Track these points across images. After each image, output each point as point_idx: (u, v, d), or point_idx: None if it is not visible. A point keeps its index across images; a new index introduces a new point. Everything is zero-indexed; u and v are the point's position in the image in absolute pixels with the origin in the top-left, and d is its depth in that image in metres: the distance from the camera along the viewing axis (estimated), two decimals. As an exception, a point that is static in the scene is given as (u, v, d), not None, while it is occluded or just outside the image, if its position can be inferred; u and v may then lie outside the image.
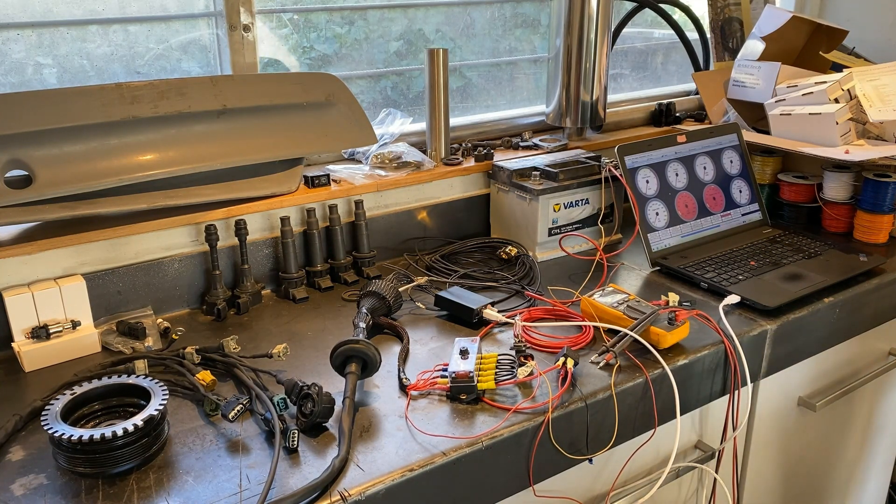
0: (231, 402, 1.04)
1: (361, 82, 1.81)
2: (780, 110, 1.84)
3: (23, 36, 1.37)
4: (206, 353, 1.20)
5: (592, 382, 1.14)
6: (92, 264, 1.32)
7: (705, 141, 1.70)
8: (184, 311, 1.42)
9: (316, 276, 1.51)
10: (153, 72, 1.51)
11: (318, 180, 1.52)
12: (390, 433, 1.03)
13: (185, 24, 1.53)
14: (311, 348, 1.26)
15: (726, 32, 2.21)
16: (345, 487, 0.92)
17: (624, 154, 1.57)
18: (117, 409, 1.04)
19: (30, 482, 0.94)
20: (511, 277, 1.50)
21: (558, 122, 1.92)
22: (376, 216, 1.61)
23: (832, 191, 1.74)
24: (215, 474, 0.95)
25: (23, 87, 1.38)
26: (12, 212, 1.23)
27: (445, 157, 1.72)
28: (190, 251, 1.41)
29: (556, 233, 1.62)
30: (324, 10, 1.71)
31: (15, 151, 1.22)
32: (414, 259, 1.61)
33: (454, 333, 1.31)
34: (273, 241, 1.49)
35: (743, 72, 1.99)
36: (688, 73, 2.23)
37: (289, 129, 1.46)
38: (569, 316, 1.34)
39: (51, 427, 0.93)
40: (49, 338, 1.22)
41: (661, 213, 1.59)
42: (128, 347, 1.25)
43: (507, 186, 1.66)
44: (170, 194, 1.36)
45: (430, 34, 1.88)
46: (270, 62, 1.66)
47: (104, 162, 1.28)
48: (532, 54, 2.07)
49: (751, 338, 1.30)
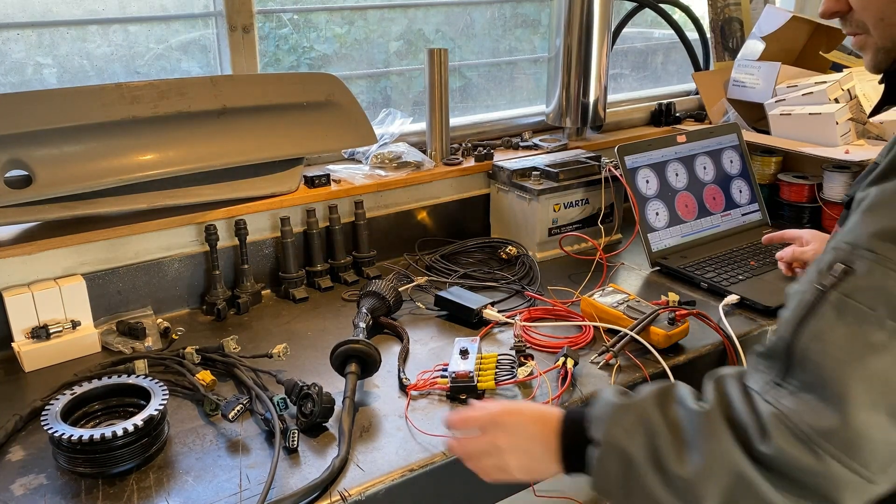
0: (231, 402, 1.04)
1: (361, 82, 1.81)
2: (780, 110, 1.84)
3: (23, 36, 1.37)
4: (206, 353, 1.20)
5: (592, 382, 1.14)
6: (92, 264, 1.32)
7: (705, 141, 1.70)
8: (184, 311, 1.42)
9: (316, 276, 1.51)
10: (153, 72, 1.51)
11: (318, 180, 1.52)
12: (390, 433, 1.03)
13: (185, 24, 1.53)
14: (311, 348, 1.26)
15: (726, 32, 2.21)
16: (345, 487, 0.92)
17: (624, 154, 1.57)
18: (117, 409, 1.04)
19: (30, 482, 0.94)
20: (511, 277, 1.50)
21: (558, 122, 1.92)
22: (376, 216, 1.60)
23: (832, 191, 1.74)
24: (215, 474, 0.95)
25: (23, 87, 1.38)
26: (12, 212, 1.23)
27: (445, 157, 1.72)
28: (190, 251, 1.41)
29: (555, 233, 1.62)
30: (324, 10, 1.71)
31: (15, 151, 1.21)
32: (414, 259, 1.61)
33: (454, 333, 1.30)
34: (273, 241, 1.49)
35: (743, 72, 1.99)
36: (688, 73, 2.23)
37: (289, 129, 1.46)
38: (569, 316, 1.34)
39: (51, 427, 0.93)
40: (49, 338, 1.22)
41: (661, 213, 1.59)
42: (128, 347, 1.25)
43: (507, 186, 1.66)
44: (170, 194, 1.36)
45: (430, 34, 1.88)
46: (270, 62, 1.66)
47: (104, 162, 1.28)
48: (532, 54, 2.06)
49: (751, 338, 1.30)
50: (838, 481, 0.64)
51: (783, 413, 0.67)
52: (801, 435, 0.65)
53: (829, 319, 0.66)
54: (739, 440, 0.69)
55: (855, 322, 0.64)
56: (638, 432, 0.74)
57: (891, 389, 0.63)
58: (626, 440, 0.74)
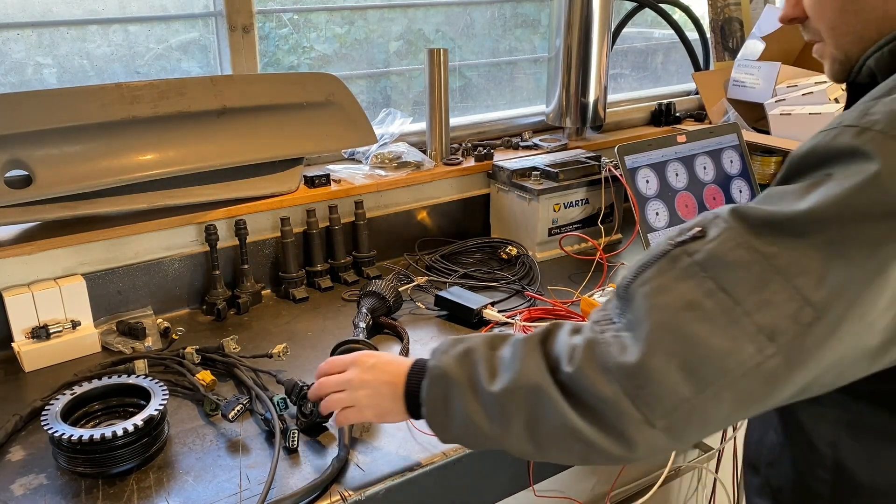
0: (231, 402, 1.04)
1: (361, 82, 1.81)
2: (780, 110, 1.84)
3: (23, 36, 1.37)
4: (206, 353, 1.20)
5: (592, 382, 1.14)
6: (92, 264, 1.32)
7: (705, 141, 1.70)
8: (184, 311, 1.42)
9: (316, 276, 1.51)
10: (153, 72, 1.51)
11: (318, 180, 1.52)
12: (390, 433, 1.03)
13: (185, 24, 1.53)
14: (311, 348, 1.26)
15: (726, 32, 2.21)
16: (345, 487, 0.92)
17: (624, 154, 1.57)
18: (117, 409, 1.04)
19: (30, 482, 0.94)
20: (511, 277, 1.50)
21: (558, 122, 1.92)
22: (376, 216, 1.60)
23: (832, 191, 1.73)
24: (215, 474, 0.95)
25: (23, 87, 1.38)
26: (12, 212, 1.23)
27: (445, 157, 1.72)
28: (190, 251, 1.41)
29: (555, 233, 1.62)
30: (324, 10, 1.71)
31: (15, 151, 1.21)
32: (414, 259, 1.61)
33: (454, 333, 1.30)
34: (273, 241, 1.49)
35: (743, 72, 1.99)
36: (688, 73, 2.23)
37: (289, 129, 1.46)
38: (569, 316, 1.34)
39: (51, 427, 0.93)
40: (49, 338, 1.22)
41: (661, 213, 1.59)
42: (128, 347, 1.25)
43: (507, 186, 1.66)
44: (170, 194, 1.36)
45: (430, 34, 1.88)
46: (270, 62, 1.66)
47: (104, 162, 1.28)
48: (532, 54, 2.07)
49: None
50: (624, 415, 0.67)
51: (597, 341, 0.71)
52: (603, 364, 0.69)
53: (663, 269, 0.69)
54: (548, 361, 0.74)
55: (683, 278, 0.67)
56: (463, 361, 0.80)
57: (690, 346, 0.65)
58: (451, 367, 0.80)
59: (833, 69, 0.80)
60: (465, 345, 0.82)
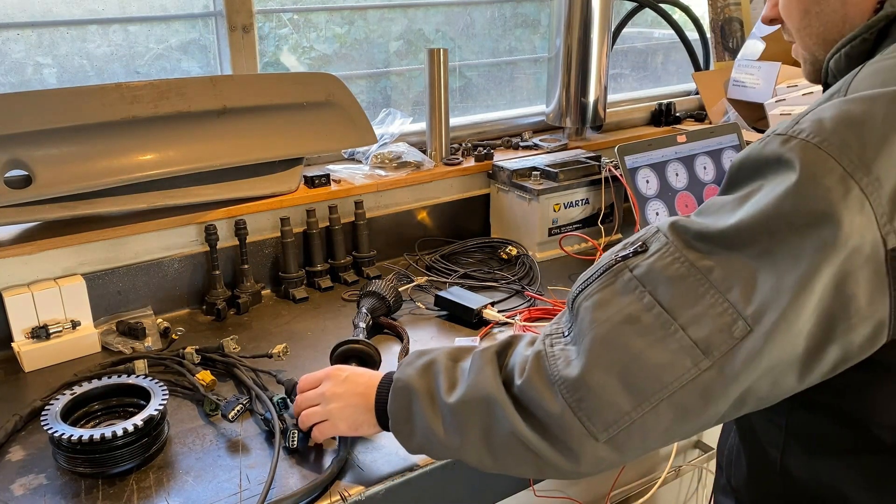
0: (231, 402, 1.04)
1: (361, 82, 1.81)
2: (780, 110, 1.84)
3: (23, 36, 1.37)
4: (206, 353, 1.20)
5: (592, 382, 1.14)
6: (92, 264, 1.32)
7: (705, 141, 1.70)
8: (184, 311, 1.42)
9: (316, 276, 1.51)
10: (153, 72, 1.51)
11: (318, 180, 1.52)
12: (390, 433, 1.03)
13: (185, 24, 1.53)
14: (311, 348, 1.26)
15: (726, 32, 2.21)
16: (345, 487, 0.92)
17: (624, 154, 1.57)
18: (117, 409, 1.04)
19: (30, 482, 0.94)
20: (511, 277, 1.50)
21: (558, 122, 1.92)
22: (376, 216, 1.60)
23: (832, 191, 1.73)
24: (215, 474, 0.95)
25: (23, 87, 1.38)
26: (12, 212, 1.23)
27: (445, 157, 1.72)
28: (190, 251, 1.41)
29: (555, 233, 1.62)
30: (324, 10, 1.71)
31: (15, 151, 1.21)
32: (414, 259, 1.61)
33: (454, 333, 1.31)
34: (273, 241, 1.49)
35: (743, 72, 1.99)
36: (688, 73, 2.23)
37: (289, 129, 1.46)
38: (569, 316, 1.34)
39: (51, 427, 0.93)
40: (49, 338, 1.22)
41: (661, 213, 1.59)
42: (128, 347, 1.25)
43: (507, 186, 1.66)
44: (170, 194, 1.36)
45: (430, 34, 1.88)
46: (270, 62, 1.66)
47: (104, 162, 1.28)
48: (532, 54, 2.07)
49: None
50: (569, 429, 0.68)
51: (545, 355, 0.72)
52: (550, 377, 0.70)
53: (605, 283, 0.70)
54: (502, 373, 0.75)
55: (624, 292, 0.68)
56: (425, 373, 0.82)
57: (628, 359, 0.66)
58: (413, 378, 0.82)
59: (806, 70, 0.81)
60: (428, 357, 0.84)
